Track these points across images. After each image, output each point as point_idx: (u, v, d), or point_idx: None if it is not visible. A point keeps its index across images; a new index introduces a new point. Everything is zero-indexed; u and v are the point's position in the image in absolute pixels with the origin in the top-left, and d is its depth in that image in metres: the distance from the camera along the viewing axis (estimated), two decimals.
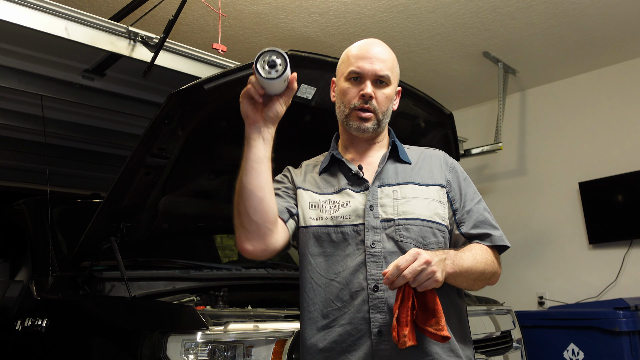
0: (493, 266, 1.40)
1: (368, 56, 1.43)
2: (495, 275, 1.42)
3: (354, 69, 1.43)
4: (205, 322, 1.67)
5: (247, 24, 3.71)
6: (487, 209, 1.49)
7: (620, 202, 4.19)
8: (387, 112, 1.47)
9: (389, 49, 1.50)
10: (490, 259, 1.40)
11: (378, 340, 1.29)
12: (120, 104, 2.88)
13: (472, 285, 1.37)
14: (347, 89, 1.44)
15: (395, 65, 1.49)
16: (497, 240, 1.44)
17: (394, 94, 1.49)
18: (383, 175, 1.46)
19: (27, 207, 2.81)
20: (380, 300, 1.31)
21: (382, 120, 1.45)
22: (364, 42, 1.49)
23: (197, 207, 2.49)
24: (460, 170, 1.52)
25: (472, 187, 1.50)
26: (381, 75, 1.42)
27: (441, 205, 1.43)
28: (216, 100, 2.01)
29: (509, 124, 4.79)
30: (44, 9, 2.21)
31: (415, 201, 1.40)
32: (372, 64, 1.42)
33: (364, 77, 1.42)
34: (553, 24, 3.77)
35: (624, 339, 3.27)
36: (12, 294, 2.36)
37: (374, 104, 1.42)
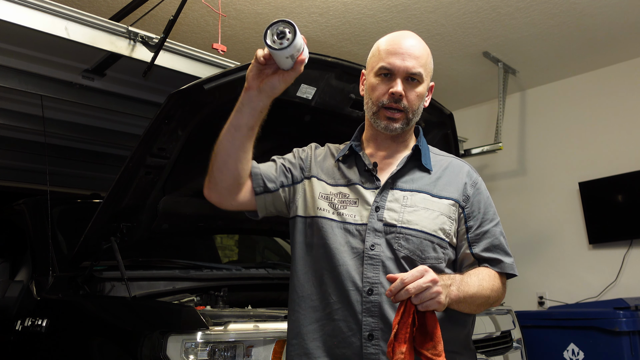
0: (498, 292, 1.36)
1: (400, 52, 1.35)
2: (499, 301, 1.38)
3: (385, 64, 1.35)
4: (205, 322, 1.67)
5: (247, 24, 3.71)
6: (504, 234, 1.43)
7: (620, 202, 4.19)
8: (418, 111, 1.39)
9: (423, 43, 1.41)
10: (497, 285, 1.35)
11: (367, 344, 1.27)
12: (120, 104, 2.88)
13: (475, 310, 1.34)
14: (376, 85, 1.37)
15: (429, 61, 1.41)
16: (508, 269, 1.38)
17: (426, 90, 1.40)
18: (399, 177, 1.40)
19: (27, 207, 2.81)
20: (373, 304, 1.29)
21: (411, 119, 1.38)
22: (397, 35, 1.40)
23: (197, 207, 2.49)
24: (484, 188, 1.45)
25: (493, 208, 1.44)
26: (413, 72, 1.34)
27: (449, 220, 1.36)
28: (216, 100, 2.01)
29: (509, 124, 4.79)
30: (44, 9, 2.21)
31: (423, 212, 1.34)
32: (404, 61, 1.34)
33: (394, 74, 1.34)
34: (553, 24, 3.77)
35: (624, 339, 3.27)
36: (12, 294, 2.36)
37: (404, 103, 1.35)
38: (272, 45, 1.16)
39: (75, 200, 3.30)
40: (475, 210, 1.39)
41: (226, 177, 1.37)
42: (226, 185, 1.38)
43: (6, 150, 3.44)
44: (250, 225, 2.84)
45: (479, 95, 5.02)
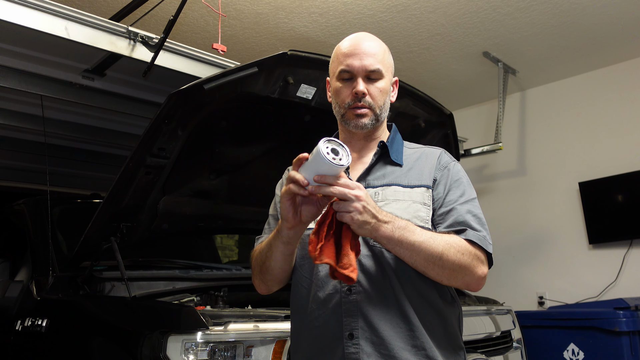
0: (460, 256, 1.24)
1: (356, 52, 1.38)
2: (466, 271, 1.26)
3: (344, 67, 1.38)
4: (205, 322, 1.67)
5: (247, 24, 3.71)
6: (474, 212, 1.34)
7: (620, 202, 4.19)
8: (385, 106, 1.41)
9: (378, 41, 1.44)
10: (459, 246, 1.25)
11: (348, 343, 1.28)
12: (120, 104, 2.88)
13: (426, 266, 1.24)
14: (339, 88, 1.40)
15: (387, 57, 1.43)
16: (472, 236, 1.28)
17: (389, 85, 1.44)
18: (369, 175, 1.41)
19: (27, 207, 2.81)
20: (352, 304, 1.29)
21: (380, 114, 1.40)
22: (351, 37, 1.43)
23: (197, 207, 2.49)
24: (455, 170, 1.42)
25: (462, 189, 1.38)
26: (372, 70, 1.37)
27: (424, 207, 1.35)
28: (216, 100, 2.01)
29: (509, 124, 4.79)
30: (44, 9, 2.21)
31: (394, 204, 1.34)
32: (362, 60, 1.37)
33: (355, 75, 1.37)
34: (553, 24, 3.77)
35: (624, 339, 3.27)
36: (12, 294, 2.36)
37: (368, 100, 1.37)
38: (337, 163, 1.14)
39: (75, 200, 3.30)
40: (441, 191, 1.38)
41: (277, 280, 1.44)
42: (277, 283, 1.45)
43: (6, 150, 3.44)
44: (250, 225, 2.84)
45: (479, 95, 5.02)
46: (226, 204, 2.60)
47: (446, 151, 1.48)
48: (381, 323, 1.27)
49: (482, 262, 1.29)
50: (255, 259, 1.44)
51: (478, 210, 1.37)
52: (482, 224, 1.34)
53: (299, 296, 1.41)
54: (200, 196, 2.47)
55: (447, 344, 1.34)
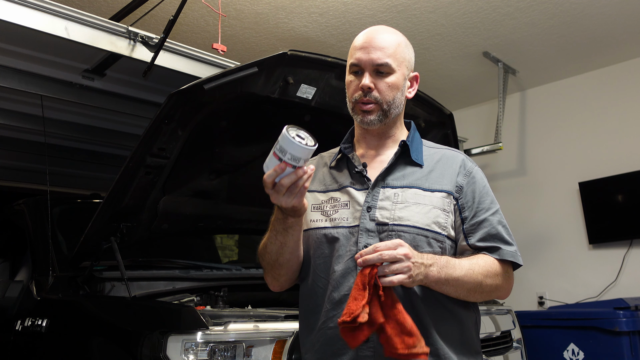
0: (496, 279, 1.30)
1: (366, 46, 1.36)
2: (501, 290, 1.33)
3: (353, 60, 1.37)
4: (205, 322, 1.67)
5: (247, 24, 3.71)
6: (503, 223, 1.37)
7: (620, 202, 4.19)
8: (394, 102, 1.36)
9: (393, 35, 1.40)
10: (494, 270, 1.30)
11: (363, 346, 1.25)
12: (120, 104, 2.88)
13: (467, 296, 1.29)
14: (349, 82, 1.39)
15: (401, 51, 1.38)
16: (506, 255, 1.32)
17: (402, 80, 1.38)
18: (389, 175, 1.37)
19: (27, 207, 2.81)
20: None
21: (388, 110, 1.35)
22: (366, 31, 1.41)
23: (197, 207, 2.49)
24: (480, 177, 1.40)
25: (490, 197, 1.38)
26: (379, 64, 1.34)
27: (444, 213, 1.33)
28: (216, 100, 2.01)
29: (509, 124, 4.79)
30: (44, 9, 2.21)
31: (414, 207, 1.31)
32: (369, 54, 1.34)
33: (363, 69, 1.35)
34: (553, 24, 3.77)
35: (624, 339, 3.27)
36: (12, 294, 2.36)
37: (374, 95, 1.34)
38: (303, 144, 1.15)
39: (75, 200, 3.30)
40: (470, 200, 1.35)
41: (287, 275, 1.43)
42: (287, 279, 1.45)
43: (6, 150, 3.44)
44: (250, 225, 2.84)
45: (479, 95, 5.02)
46: (226, 204, 2.59)
47: (467, 156, 1.47)
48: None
49: (511, 276, 1.35)
50: (264, 255, 1.42)
51: (504, 218, 1.39)
52: (510, 234, 1.37)
53: (315, 296, 1.38)
54: (200, 196, 2.47)
55: (463, 348, 1.32)
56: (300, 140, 1.14)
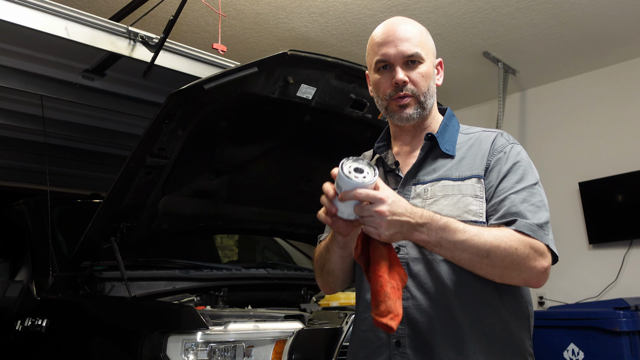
0: (513, 252, 1.12)
1: (390, 40, 1.29)
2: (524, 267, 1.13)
3: (379, 57, 1.30)
4: (205, 322, 1.67)
5: (247, 24, 3.71)
6: (532, 202, 1.20)
7: (620, 202, 4.19)
8: (430, 92, 1.31)
9: (413, 24, 1.34)
10: (512, 241, 1.13)
11: (395, 351, 1.21)
12: (120, 104, 2.88)
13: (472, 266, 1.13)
14: (378, 80, 1.31)
15: (425, 39, 1.33)
16: (522, 227, 1.15)
17: (432, 68, 1.33)
18: (420, 171, 1.31)
19: (27, 207, 2.81)
20: None
21: (424, 102, 1.30)
22: (384, 24, 1.34)
23: (197, 207, 2.49)
24: (513, 153, 1.27)
25: (519, 174, 1.24)
26: (409, 55, 1.27)
27: (476, 199, 1.23)
28: (216, 100, 2.01)
29: (509, 124, 4.79)
30: (44, 9, 2.21)
31: (443, 200, 1.24)
32: (397, 47, 1.27)
33: (392, 64, 1.28)
34: (553, 24, 3.77)
35: (624, 339, 3.27)
36: (12, 294, 2.36)
37: (410, 87, 1.28)
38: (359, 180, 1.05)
39: (75, 200, 3.30)
40: (493, 179, 1.24)
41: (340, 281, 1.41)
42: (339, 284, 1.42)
43: (6, 150, 3.44)
44: (250, 225, 2.84)
45: (479, 95, 5.02)
46: (226, 204, 2.59)
47: (505, 133, 1.35)
48: (430, 331, 1.19)
49: (541, 255, 1.16)
50: (316, 261, 1.41)
51: (538, 197, 1.23)
52: (541, 213, 1.20)
53: (358, 297, 1.37)
54: (200, 196, 2.47)
55: (507, 349, 1.23)
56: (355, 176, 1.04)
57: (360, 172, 1.05)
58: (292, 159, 2.52)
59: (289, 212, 2.76)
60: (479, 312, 1.20)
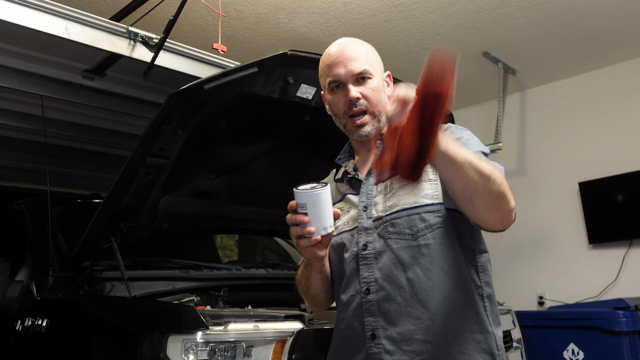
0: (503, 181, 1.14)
1: (339, 60, 1.36)
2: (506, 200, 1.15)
3: (332, 78, 1.37)
4: (205, 322, 1.67)
5: (247, 24, 3.71)
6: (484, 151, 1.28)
7: (620, 202, 4.19)
8: (381, 104, 1.37)
9: (359, 43, 1.41)
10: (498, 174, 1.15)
11: (371, 344, 1.26)
12: (120, 104, 2.88)
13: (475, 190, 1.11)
14: (333, 100, 1.39)
15: (372, 55, 1.40)
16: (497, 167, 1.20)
17: (382, 82, 1.40)
18: None
19: (27, 207, 2.81)
20: (371, 303, 1.28)
21: (379, 114, 1.36)
22: (332, 47, 1.41)
23: (197, 207, 2.49)
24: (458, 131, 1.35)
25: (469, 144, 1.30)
26: (359, 72, 1.35)
27: (430, 183, 1.30)
28: (216, 100, 2.01)
29: (509, 124, 4.79)
30: (44, 9, 2.21)
31: (399, 191, 1.31)
32: (346, 66, 1.35)
33: (344, 82, 1.36)
34: (553, 24, 3.77)
35: (624, 339, 3.27)
36: (12, 294, 2.36)
37: (363, 102, 1.34)
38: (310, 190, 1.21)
39: (75, 200, 3.30)
40: None
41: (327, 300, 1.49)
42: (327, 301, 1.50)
43: (6, 150, 3.44)
44: (250, 225, 2.84)
45: (479, 95, 5.02)
46: (226, 204, 2.59)
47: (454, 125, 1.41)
48: (401, 319, 1.24)
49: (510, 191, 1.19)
50: (299, 286, 1.48)
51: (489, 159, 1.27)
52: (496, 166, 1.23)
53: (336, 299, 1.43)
54: (200, 196, 2.47)
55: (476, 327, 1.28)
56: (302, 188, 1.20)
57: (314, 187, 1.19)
58: (292, 159, 2.52)
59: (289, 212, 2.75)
60: (446, 296, 1.25)
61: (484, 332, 1.27)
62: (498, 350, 1.29)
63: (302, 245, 1.24)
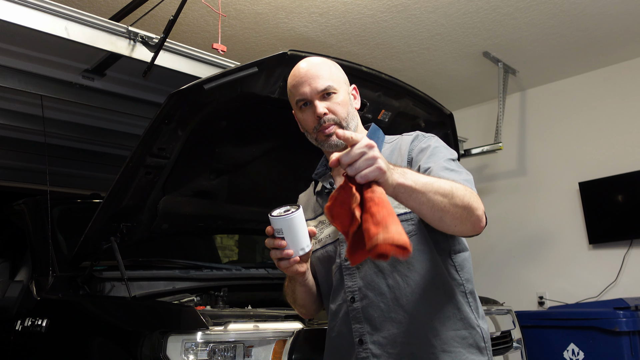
0: (464, 191, 1.18)
1: (304, 80, 1.42)
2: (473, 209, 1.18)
3: (299, 97, 1.43)
4: (205, 322, 1.67)
5: (247, 24, 3.71)
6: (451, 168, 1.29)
7: (620, 202, 4.19)
8: (349, 116, 1.42)
9: (321, 61, 1.47)
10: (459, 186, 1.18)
11: (359, 349, 1.33)
12: (120, 104, 2.88)
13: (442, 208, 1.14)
14: (302, 117, 1.44)
15: (335, 72, 1.45)
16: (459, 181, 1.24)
17: (347, 95, 1.45)
18: None
19: (27, 207, 2.81)
20: (357, 311, 1.34)
21: (347, 126, 1.41)
22: (296, 68, 1.47)
23: (197, 207, 2.49)
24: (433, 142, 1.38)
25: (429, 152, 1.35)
26: (323, 89, 1.40)
27: None
28: (216, 100, 2.01)
29: (509, 124, 4.79)
30: (44, 9, 2.21)
31: None
32: (310, 85, 1.40)
33: (310, 100, 1.41)
34: (553, 24, 3.77)
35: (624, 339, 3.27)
36: (12, 294, 2.36)
37: (330, 117, 1.39)
38: None
39: (75, 200, 3.30)
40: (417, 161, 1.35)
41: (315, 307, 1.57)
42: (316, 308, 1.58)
43: (6, 150, 3.44)
44: (250, 225, 2.84)
45: (479, 95, 5.02)
46: (226, 204, 2.60)
47: (422, 133, 1.45)
48: (385, 324, 1.30)
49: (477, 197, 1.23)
50: (287, 298, 1.55)
51: (457, 166, 1.32)
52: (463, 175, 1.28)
53: (326, 307, 1.49)
54: (200, 196, 2.47)
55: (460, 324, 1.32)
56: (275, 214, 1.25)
57: (288, 210, 1.25)
58: (292, 159, 2.52)
59: None
60: (427, 300, 1.30)
61: (469, 328, 1.32)
62: (485, 343, 1.34)
63: (283, 267, 1.30)
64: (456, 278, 1.35)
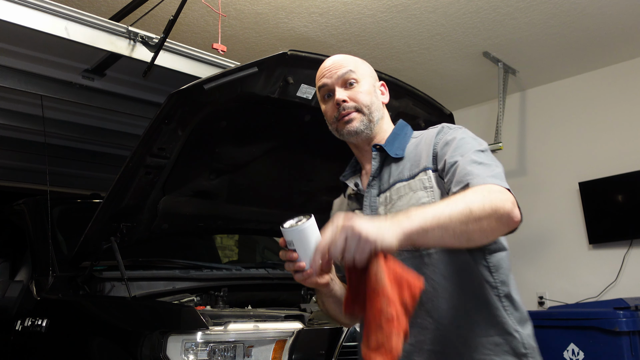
0: (483, 198, 1.10)
1: (327, 71, 1.41)
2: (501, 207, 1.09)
3: (320, 84, 1.42)
4: (205, 322, 1.67)
5: (247, 24, 3.71)
6: (479, 161, 1.22)
7: (620, 202, 4.19)
8: (373, 106, 1.38)
9: (349, 56, 1.45)
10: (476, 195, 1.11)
11: None
12: (120, 104, 2.88)
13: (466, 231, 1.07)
14: (325, 108, 1.42)
15: (360, 64, 1.43)
16: (475, 183, 1.16)
17: (372, 87, 1.41)
18: (379, 181, 1.38)
19: (27, 207, 2.81)
20: None
21: (370, 114, 1.36)
22: (324, 62, 1.46)
23: (197, 207, 2.49)
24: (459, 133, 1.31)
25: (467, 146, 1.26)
26: (344, 76, 1.38)
27: (426, 191, 1.27)
28: (216, 100, 2.01)
29: (509, 124, 4.79)
30: (44, 9, 2.21)
31: (398, 202, 1.30)
32: (332, 73, 1.39)
33: (332, 89, 1.39)
34: (553, 24, 3.77)
35: (624, 339, 3.27)
36: (12, 294, 2.36)
37: (350, 104, 1.36)
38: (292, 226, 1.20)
39: (75, 200, 3.30)
40: (441, 158, 1.28)
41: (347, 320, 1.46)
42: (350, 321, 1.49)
43: (6, 150, 3.44)
44: (250, 225, 2.84)
45: (479, 95, 5.02)
46: (226, 204, 2.60)
47: (447, 124, 1.38)
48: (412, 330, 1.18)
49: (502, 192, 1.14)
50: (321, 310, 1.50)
51: (485, 158, 1.24)
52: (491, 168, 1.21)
53: None
54: (200, 196, 2.47)
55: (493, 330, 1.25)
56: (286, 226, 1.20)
57: (299, 220, 1.19)
58: (292, 159, 2.52)
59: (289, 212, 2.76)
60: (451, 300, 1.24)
61: (504, 334, 1.25)
62: (525, 349, 1.26)
63: (299, 280, 1.22)
64: (489, 280, 1.26)
